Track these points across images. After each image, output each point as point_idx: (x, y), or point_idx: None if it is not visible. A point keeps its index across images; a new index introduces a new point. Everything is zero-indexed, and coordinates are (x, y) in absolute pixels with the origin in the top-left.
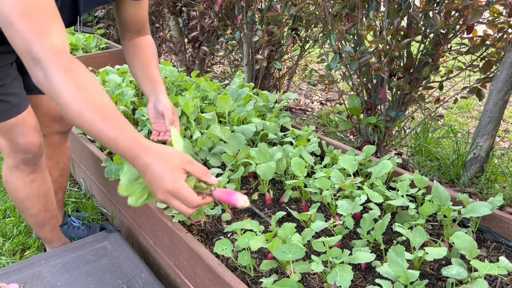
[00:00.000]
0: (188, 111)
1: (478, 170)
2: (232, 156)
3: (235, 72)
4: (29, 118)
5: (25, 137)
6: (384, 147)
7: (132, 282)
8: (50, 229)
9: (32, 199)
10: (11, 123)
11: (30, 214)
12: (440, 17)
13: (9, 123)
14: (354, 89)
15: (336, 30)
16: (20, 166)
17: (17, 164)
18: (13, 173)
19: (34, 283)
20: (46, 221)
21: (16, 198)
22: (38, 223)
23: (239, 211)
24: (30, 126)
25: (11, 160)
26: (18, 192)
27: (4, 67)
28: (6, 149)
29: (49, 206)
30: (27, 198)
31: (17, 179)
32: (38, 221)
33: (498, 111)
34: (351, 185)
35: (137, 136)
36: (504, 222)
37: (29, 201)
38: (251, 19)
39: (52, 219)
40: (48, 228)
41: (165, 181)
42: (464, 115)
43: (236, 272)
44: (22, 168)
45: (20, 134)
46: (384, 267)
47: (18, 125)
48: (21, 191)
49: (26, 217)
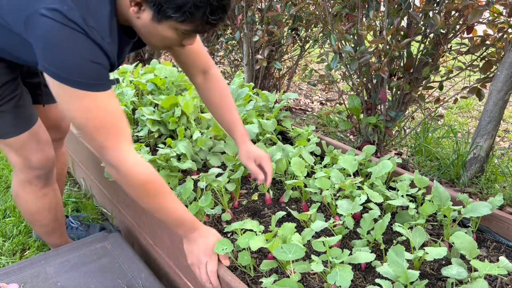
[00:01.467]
0: (188, 111)
1: (478, 170)
2: (232, 156)
3: (235, 72)
4: (41, 132)
5: (39, 154)
6: (384, 147)
7: (132, 282)
8: (58, 236)
9: (44, 212)
10: (23, 139)
11: (41, 225)
12: (440, 17)
13: (22, 139)
14: (354, 89)
15: (336, 30)
16: (32, 181)
17: (29, 179)
18: (25, 188)
19: (34, 283)
20: (55, 230)
21: (26, 211)
22: (47, 232)
23: (239, 211)
24: (43, 142)
25: (24, 175)
26: (29, 206)
27: (16, 79)
28: (19, 165)
29: (59, 215)
30: (39, 211)
31: (29, 194)
32: (48, 230)
33: (498, 111)
34: (351, 185)
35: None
36: (504, 222)
37: (40, 214)
38: (251, 19)
39: (60, 226)
40: (57, 235)
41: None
42: (464, 115)
43: (236, 272)
44: (34, 183)
45: (34, 151)
46: (384, 267)
47: (32, 140)
48: (32, 205)
49: (35, 228)
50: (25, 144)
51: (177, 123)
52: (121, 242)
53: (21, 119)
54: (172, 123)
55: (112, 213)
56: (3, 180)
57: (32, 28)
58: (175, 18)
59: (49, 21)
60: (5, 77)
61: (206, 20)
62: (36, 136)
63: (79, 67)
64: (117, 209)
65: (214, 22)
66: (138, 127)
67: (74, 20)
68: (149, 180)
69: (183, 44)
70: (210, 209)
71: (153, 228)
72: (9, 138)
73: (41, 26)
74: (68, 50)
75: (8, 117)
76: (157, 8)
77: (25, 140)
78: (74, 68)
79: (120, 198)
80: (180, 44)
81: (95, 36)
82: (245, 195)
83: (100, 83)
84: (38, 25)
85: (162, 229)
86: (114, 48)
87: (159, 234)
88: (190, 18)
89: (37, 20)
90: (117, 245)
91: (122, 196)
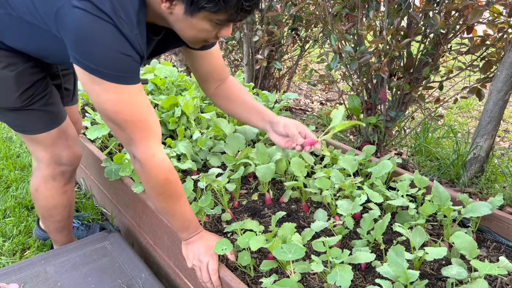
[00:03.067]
0: (188, 111)
1: (478, 170)
2: (232, 156)
3: (235, 72)
4: (70, 129)
5: (69, 150)
6: (384, 147)
7: (132, 282)
8: (66, 234)
9: (60, 208)
10: (54, 135)
11: (54, 221)
12: (440, 17)
13: (52, 135)
14: (354, 89)
15: (336, 30)
16: (57, 177)
17: (54, 175)
18: (48, 184)
19: (34, 283)
20: (66, 227)
21: (43, 207)
22: (58, 228)
23: (239, 211)
24: (71, 138)
25: (50, 171)
26: (48, 202)
27: (46, 77)
28: (46, 161)
29: (71, 213)
30: (56, 207)
31: (50, 190)
32: (59, 227)
33: (498, 111)
34: (351, 185)
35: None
36: (504, 222)
37: (56, 210)
38: (251, 19)
39: (70, 225)
40: (66, 233)
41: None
42: (464, 115)
43: (236, 272)
44: (58, 179)
45: (64, 147)
46: (384, 267)
47: (61, 136)
48: (52, 200)
49: (48, 224)
50: (55, 140)
51: (177, 123)
52: (121, 242)
53: (52, 116)
54: (172, 123)
55: (112, 213)
56: (3, 180)
57: (63, 19)
58: (208, 8)
59: (80, 12)
60: (36, 76)
61: (241, 6)
62: (65, 133)
63: (110, 59)
64: (117, 209)
65: (249, 8)
66: None
67: (105, 12)
68: (170, 179)
69: (218, 36)
70: (210, 209)
71: (153, 228)
72: (40, 134)
73: (72, 17)
74: (100, 42)
75: (40, 114)
76: (189, 0)
77: (55, 137)
78: (105, 61)
79: (120, 198)
80: (215, 37)
81: (125, 29)
82: (245, 195)
83: (130, 76)
84: (69, 16)
85: (162, 229)
86: (142, 41)
87: (159, 234)
88: (224, 7)
89: (69, 11)
90: (117, 245)
91: (122, 196)
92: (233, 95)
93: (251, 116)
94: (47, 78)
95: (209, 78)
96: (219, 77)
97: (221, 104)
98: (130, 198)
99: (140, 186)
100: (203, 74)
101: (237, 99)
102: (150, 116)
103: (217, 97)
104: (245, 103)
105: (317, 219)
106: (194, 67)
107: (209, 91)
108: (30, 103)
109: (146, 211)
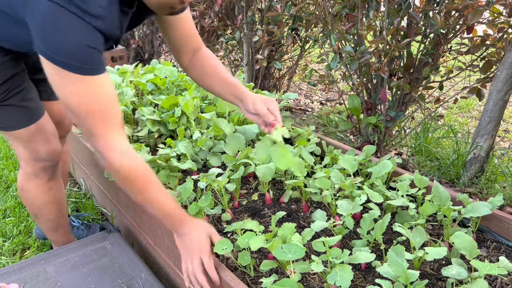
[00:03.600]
0: (188, 111)
1: (478, 170)
2: (232, 156)
3: (235, 72)
4: (48, 124)
5: (47, 145)
6: (384, 147)
7: (132, 282)
8: (63, 233)
9: (50, 206)
10: (31, 131)
11: (46, 220)
12: (440, 17)
13: (30, 131)
14: (354, 89)
15: (336, 30)
16: (38, 174)
17: (36, 172)
18: (31, 181)
19: (34, 283)
20: (60, 226)
21: (32, 206)
22: (52, 227)
23: (239, 211)
24: (50, 133)
25: (30, 168)
26: (35, 200)
27: (22, 72)
28: (26, 158)
29: (64, 211)
30: (45, 205)
31: (34, 187)
32: (53, 226)
33: (498, 111)
34: (351, 185)
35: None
36: (504, 222)
37: (46, 208)
38: (251, 19)
39: (65, 223)
40: (61, 231)
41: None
42: (464, 115)
43: (236, 272)
44: (40, 176)
45: (42, 142)
46: (384, 267)
47: (40, 132)
48: (38, 198)
49: (41, 223)
50: (32, 136)
51: (177, 123)
52: (121, 242)
53: (29, 112)
54: (172, 123)
55: (112, 213)
56: (3, 180)
57: (30, 8)
58: None
59: (47, 2)
60: (12, 70)
61: None
62: (43, 129)
63: (75, 51)
64: (117, 209)
65: None
66: (138, 127)
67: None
68: (133, 171)
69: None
70: (210, 209)
71: (153, 228)
72: (17, 130)
73: (39, 7)
74: (65, 33)
75: (16, 110)
76: None
77: (32, 132)
78: (70, 52)
79: (120, 198)
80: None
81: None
82: (245, 195)
83: (95, 67)
84: (36, 5)
85: (162, 229)
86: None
87: (159, 234)
88: None
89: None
90: (117, 245)
91: (122, 196)
92: (208, 67)
93: (224, 91)
94: (24, 72)
95: (182, 47)
96: (192, 46)
97: (196, 76)
98: (130, 198)
99: None
100: (176, 43)
101: (211, 71)
102: (113, 107)
103: (192, 68)
104: (219, 77)
105: (316, 220)
106: (167, 37)
107: (183, 62)
108: (6, 97)
109: (146, 211)
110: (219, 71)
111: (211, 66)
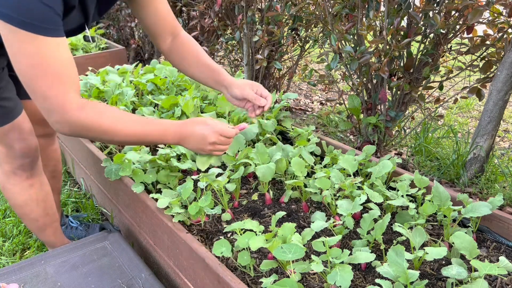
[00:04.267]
0: (188, 111)
1: (478, 170)
2: (232, 156)
3: (235, 72)
4: (24, 123)
5: (22, 142)
6: (384, 147)
7: (132, 282)
8: (52, 233)
9: (31, 204)
10: (7, 129)
11: (30, 219)
12: (440, 17)
13: (5, 129)
14: (354, 89)
15: (336, 30)
16: (17, 171)
17: (14, 169)
18: (10, 179)
19: (34, 283)
20: (47, 225)
21: (15, 205)
22: (39, 227)
23: (239, 211)
24: (26, 131)
25: (8, 166)
26: (16, 198)
27: (1, 71)
28: (2, 155)
29: (49, 210)
30: (26, 203)
31: (14, 185)
32: (39, 226)
33: (498, 111)
34: (351, 185)
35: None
36: (504, 222)
37: (28, 207)
38: (251, 19)
39: (53, 222)
40: (50, 231)
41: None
42: (464, 115)
43: (236, 272)
44: (19, 174)
45: (17, 140)
46: (384, 267)
47: (14, 130)
48: (19, 197)
49: (26, 223)
50: (7, 133)
51: None
52: (121, 242)
53: (5, 111)
54: None
55: (112, 213)
56: None
57: None
58: None
59: None
60: None
61: None
62: (19, 127)
63: (26, 5)
64: (117, 209)
65: None
66: None
67: None
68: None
69: None
70: (210, 209)
71: (153, 228)
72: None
73: None
74: None
75: None
76: None
77: (7, 131)
78: (20, 6)
79: (120, 198)
80: None
81: None
82: (245, 195)
83: (49, 27)
84: None
85: (162, 229)
86: None
87: (159, 234)
88: None
89: None
90: (117, 245)
91: (122, 196)
92: (188, 52)
93: (205, 75)
94: (2, 72)
95: (159, 30)
96: (170, 29)
97: (176, 62)
98: (130, 198)
99: (140, 186)
100: (151, 27)
101: (192, 57)
102: (69, 70)
103: (172, 53)
104: (200, 62)
105: (315, 221)
106: (141, 20)
107: (163, 47)
108: None
109: (146, 211)
110: (199, 55)
111: (191, 51)
